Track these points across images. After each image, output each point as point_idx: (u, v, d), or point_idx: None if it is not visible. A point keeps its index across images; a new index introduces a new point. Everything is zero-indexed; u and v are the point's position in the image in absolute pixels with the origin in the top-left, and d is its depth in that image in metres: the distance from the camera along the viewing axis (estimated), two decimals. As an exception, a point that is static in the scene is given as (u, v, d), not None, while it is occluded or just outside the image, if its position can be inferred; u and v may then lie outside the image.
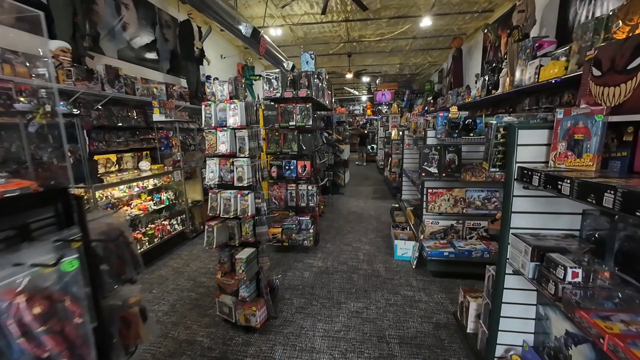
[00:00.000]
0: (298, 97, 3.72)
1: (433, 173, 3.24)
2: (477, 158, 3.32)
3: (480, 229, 3.32)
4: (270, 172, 3.89)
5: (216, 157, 2.29)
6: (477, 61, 8.26)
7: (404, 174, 5.02)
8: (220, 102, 2.22)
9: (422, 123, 4.29)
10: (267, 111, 3.73)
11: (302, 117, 3.70)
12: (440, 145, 3.22)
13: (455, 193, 3.31)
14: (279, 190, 3.91)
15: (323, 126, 5.68)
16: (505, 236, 1.57)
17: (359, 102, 17.81)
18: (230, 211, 2.26)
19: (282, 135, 3.78)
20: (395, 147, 6.75)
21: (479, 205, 3.28)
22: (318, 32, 8.38)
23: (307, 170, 3.81)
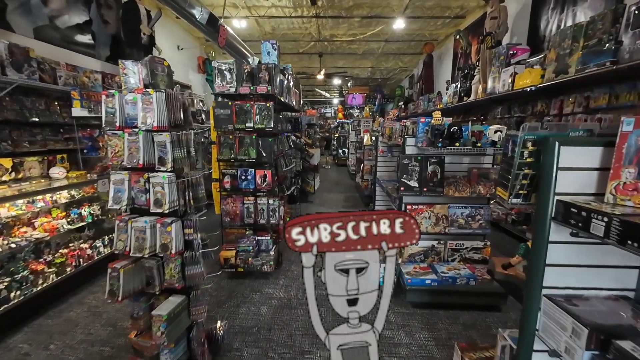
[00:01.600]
0: (257, 94, 3.08)
1: (413, 187, 2.78)
2: (460, 170, 2.91)
3: (463, 250, 2.91)
4: (223, 182, 3.19)
5: (124, 171, 1.58)
6: (448, 68, 8.16)
7: (377, 183, 4.56)
8: (128, 91, 1.52)
9: (398, 129, 3.86)
10: (219, 109, 3.04)
11: (262, 118, 3.07)
12: (422, 155, 2.76)
13: (437, 210, 2.88)
14: (234, 204, 3.23)
15: (290, 129, 5.07)
16: (535, 299, 1.08)
17: (331, 105, 17.42)
18: (145, 247, 1.57)
19: (238, 139, 3.11)
20: (367, 153, 6.32)
21: (462, 223, 2.87)
22: (287, 28, 7.76)
23: (267, 181, 3.17)
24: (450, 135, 2.53)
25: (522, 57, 4.61)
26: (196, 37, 8.02)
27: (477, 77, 5.80)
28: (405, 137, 2.88)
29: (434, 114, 2.68)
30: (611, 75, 3.11)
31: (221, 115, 3.06)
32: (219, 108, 3.05)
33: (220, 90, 3.02)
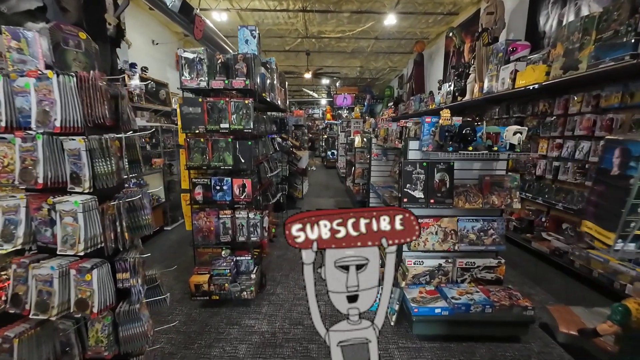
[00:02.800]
0: (233, 89, 2.58)
1: (418, 198, 2.35)
2: (470, 178, 2.51)
3: (474, 269, 2.51)
4: (194, 194, 2.68)
5: (20, 194, 1.07)
6: (439, 67, 7.87)
7: (371, 190, 4.14)
8: (18, 75, 1.01)
9: (395, 130, 3.44)
10: (188, 107, 2.52)
11: (240, 118, 2.57)
12: (428, 161, 2.34)
13: (444, 224, 2.46)
14: (207, 219, 2.71)
15: (275, 130, 4.58)
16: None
17: (319, 106, 16.98)
18: (52, 306, 1.05)
19: (211, 143, 2.61)
20: (358, 156, 5.91)
21: (474, 239, 2.47)
22: (272, 23, 7.26)
23: (247, 192, 2.68)
24: (462, 137, 2.12)
25: (523, 53, 4.30)
26: (174, 32, 7.40)
27: (472, 76, 5.48)
28: (407, 140, 2.46)
29: (443, 112, 2.26)
30: (629, 71, 2.80)
31: (190, 115, 2.54)
32: (187, 106, 2.53)
33: (189, 84, 2.51)
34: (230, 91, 2.71)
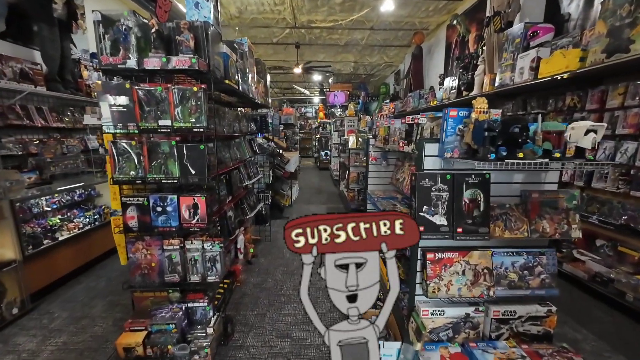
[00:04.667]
0: (175, 71, 1.80)
1: (440, 226, 1.62)
2: (508, 195, 1.78)
3: (514, 320, 1.78)
4: (126, 218, 1.90)
5: None
6: (440, 60, 7.17)
7: (369, 201, 3.40)
8: None
9: (398, 129, 2.71)
10: (111, 96, 1.74)
11: (187, 112, 1.80)
12: (453, 173, 1.61)
13: (474, 259, 1.73)
14: (147, 252, 1.94)
15: (255, 129, 3.81)
16: None
17: (312, 104, 16.20)
18: None
19: (147, 147, 1.83)
20: (353, 158, 5.17)
21: (515, 280, 1.75)
22: (257, 11, 6.46)
23: (199, 214, 1.91)
24: (508, 139, 1.39)
25: (546, 38, 3.59)
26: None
27: (481, 68, 4.77)
28: (422, 142, 1.72)
29: (476, 102, 1.53)
30: None
31: (114, 108, 1.76)
32: (109, 94, 1.75)
33: (111, 62, 1.73)
34: (173, 74, 1.94)
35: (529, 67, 3.59)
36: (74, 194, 3.38)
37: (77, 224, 3.13)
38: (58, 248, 2.90)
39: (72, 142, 3.81)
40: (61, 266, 2.94)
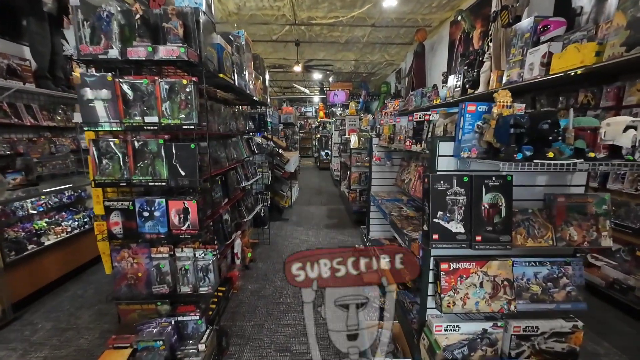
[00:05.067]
0: (161, 61, 1.63)
1: (456, 234, 1.45)
2: (530, 199, 1.62)
3: (537, 337, 1.61)
4: (109, 224, 1.73)
5: None
6: (442, 58, 7.00)
7: (372, 203, 3.23)
8: None
9: (405, 127, 2.55)
10: (91, 90, 1.57)
11: (176, 107, 1.63)
12: (472, 174, 1.44)
13: (493, 269, 1.57)
14: (134, 260, 1.77)
15: (253, 128, 3.64)
16: None
17: (311, 104, 16.02)
18: None
19: (131, 146, 1.66)
20: (355, 158, 5.00)
21: (538, 292, 1.58)
22: (256, 7, 6.29)
23: (190, 219, 1.74)
24: (538, 136, 1.22)
25: (557, 32, 3.42)
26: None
27: (487, 64, 4.60)
28: (435, 141, 1.55)
29: (499, 95, 1.36)
30: None
31: (95, 102, 1.59)
32: (89, 88, 1.58)
33: (90, 52, 1.56)
34: (162, 66, 1.77)
35: (539, 63, 3.42)
36: (63, 195, 3.21)
37: (65, 228, 2.96)
38: (44, 254, 2.73)
39: (63, 142, 3.64)
40: (47, 273, 2.76)
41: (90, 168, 1.70)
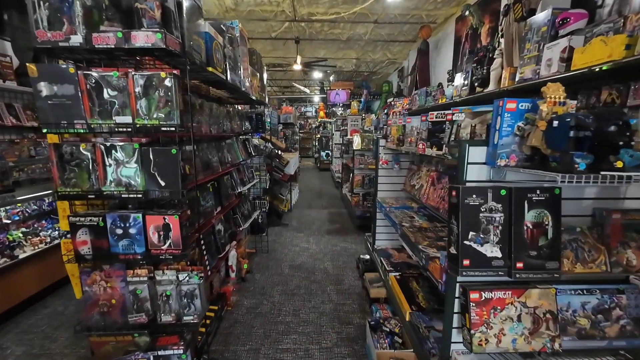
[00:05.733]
0: (135, 50, 1.36)
1: (491, 259, 1.19)
2: (579, 214, 1.35)
3: (584, 379, 1.35)
4: (76, 243, 1.46)
5: None
6: (447, 56, 6.73)
7: (379, 210, 2.97)
8: None
9: (417, 128, 2.28)
10: (50, 85, 1.31)
11: (153, 104, 1.36)
12: (511, 188, 1.17)
13: (533, 299, 1.29)
14: (107, 284, 1.51)
15: (249, 129, 3.37)
16: None
17: (312, 104, 15.73)
18: None
19: (100, 151, 1.39)
20: (358, 160, 4.74)
21: (586, 326, 1.32)
22: (254, 3, 6.01)
23: (171, 237, 1.47)
24: (602, 140, 0.96)
25: (578, 25, 3.14)
26: None
27: (498, 61, 4.32)
28: (464, 145, 1.28)
29: (548, 89, 1.09)
30: None
31: (56, 99, 1.32)
32: (48, 82, 1.31)
33: (48, 40, 1.29)
34: (137, 57, 1.49)
35: (558, 59, 3.12)
36: (42, 202, 2.94)
37: (44, 238, 2.69)
38: (18, 267, 2.46)
39: (46, 143, 3.37)
40: (21, 289, 2.50)
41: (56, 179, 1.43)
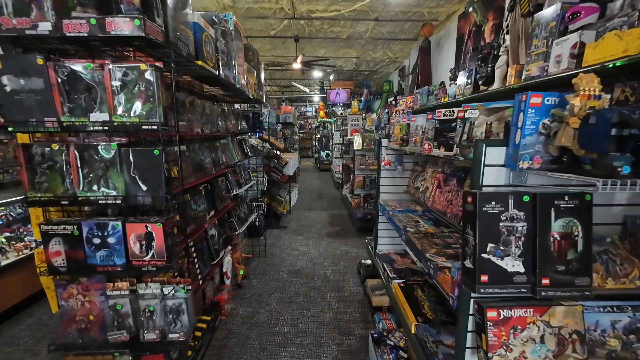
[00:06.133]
0: (111, 39, 1.21)
1: (513, 274, 1.04)
2: (608, 222, 1.21)
3: (612, 406, 1.20)
4: (49, 254, 1.32)
5: None
6: (450, 54, 6.59)
7: (381, 213, 2.82)
8: None
9: (422, 127, 2.15)
10: (10, 77, 1.17)
11: (133, 100, 1.22)
12: (535, 194, 1.02)
13: (557, 318, 1.15)
14: (85, 297, 1.36)
15: (246, 128, 3.22)
16: None
17: (311, 104, 15.59)
18: None
19: (74, 153, 1.25)
20: (359, 160, 4.59)
21: (617, 348, 1.17)
22: (253, 1, 5.87)
23: (154, 246, 1.33)
24: (647, 140, 0.81)
25: (589, 19, 2.99)
26: None
27: (503, 59, 4.18)
28: (481, 145, 1.14)
29: (581, 80, 0.95)
30: None
31: (23, 94, 1.18)
32: (13, 74, 1.17)
33: (13, 27, 1.14)
34: (116, 48, 1.35)
35: (568, 55, 2.97)
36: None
37: (28, 243, 2.55)
38: (1, 274, 2.32)
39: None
40: (5, 297, 2.35)
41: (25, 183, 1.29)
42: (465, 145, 1.37)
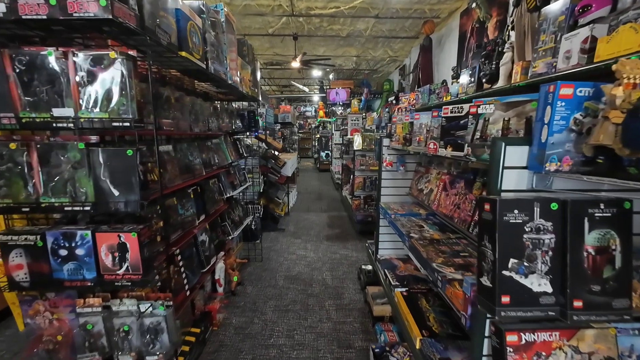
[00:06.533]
0: (75, 22, 1.06)
1: (540, 295, 0.89)
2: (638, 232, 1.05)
3: None
4: (10, 268, 1.17)
5: None
6: (451, 52, 6.44)
7: (382, 216, 2.67)
8: None
9: (427, 125, 2.00)
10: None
11: (100, 93, 1.07)
12: (565, 201, 0.87)
13: (586, 343, 1.00)
14: (53, 315, 1.21)
15: (241, 127, 3.07)
16: None
17: (311, 103, 15.43)
18: None
19: (38, 153, 1.10)
20: (359, 161, 4.44)
21: (654, 377, 1.02)
22: (250, -3, 5.72)
23: (130, 258, 1.18)
24: None
25: (600, 13, 2.84)
26: None
27: (508, 55, 4.03)
28: (499, 144, 0.98)
29: (624, 67, 0.80)
30: None
31: (-26, 86, 1.03)
32: (-37, 64, 1.01)
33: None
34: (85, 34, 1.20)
35: (579, 50, 2.81)
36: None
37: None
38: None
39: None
40: (-19, 307, 2.20)
41: (-19, 185, 1.13)
42: (478, 144, 1.22)
